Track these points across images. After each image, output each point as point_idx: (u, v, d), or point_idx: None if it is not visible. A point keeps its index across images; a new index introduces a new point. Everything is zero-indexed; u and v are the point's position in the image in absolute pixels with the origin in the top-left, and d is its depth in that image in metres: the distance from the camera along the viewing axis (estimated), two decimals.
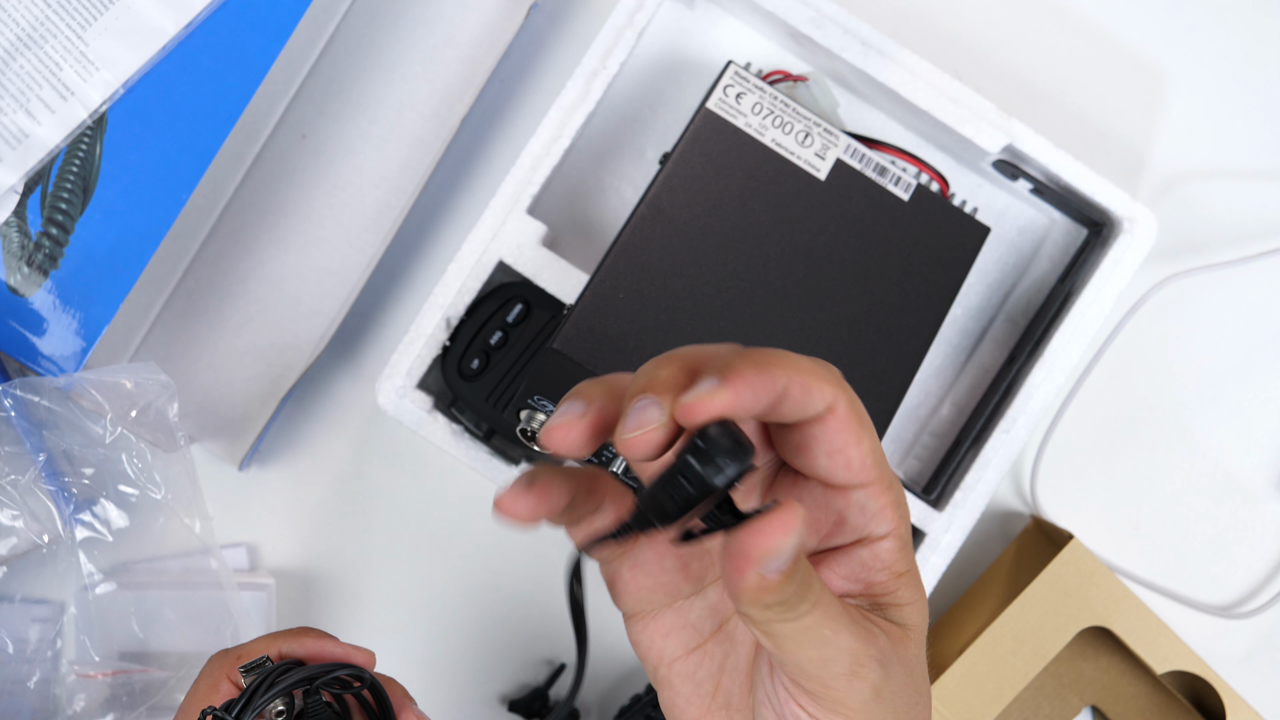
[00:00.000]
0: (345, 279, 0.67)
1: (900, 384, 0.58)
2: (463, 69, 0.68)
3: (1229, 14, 0.72)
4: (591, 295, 0.57)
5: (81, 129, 0.61)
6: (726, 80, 0.60)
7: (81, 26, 0.61)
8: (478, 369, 0.62)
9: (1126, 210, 0.64)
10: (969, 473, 0.63)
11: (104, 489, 0.64)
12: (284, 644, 0.48)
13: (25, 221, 0.61)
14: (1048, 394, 0.64)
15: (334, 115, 0.68)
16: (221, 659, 0.49)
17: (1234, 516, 0.70)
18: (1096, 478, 0.70)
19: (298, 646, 0.48)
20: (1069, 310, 0.64)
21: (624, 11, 0.64)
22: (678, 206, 0.58)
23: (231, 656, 0.48)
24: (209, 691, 0.47)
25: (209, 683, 0.48)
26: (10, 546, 0.61)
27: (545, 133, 0.63)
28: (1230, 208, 0.71)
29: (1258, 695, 0.68)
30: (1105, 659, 0.67)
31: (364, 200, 0.68)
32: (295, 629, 0.49)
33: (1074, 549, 0.62)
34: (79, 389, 0.60)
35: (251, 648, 0.48)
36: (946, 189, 0.63)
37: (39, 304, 0.61)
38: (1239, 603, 0.70)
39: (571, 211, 0.68)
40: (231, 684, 0.47)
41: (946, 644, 0.66)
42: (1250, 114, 0.72)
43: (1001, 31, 0.71)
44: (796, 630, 0.35)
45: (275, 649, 0.48)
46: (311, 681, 0.46)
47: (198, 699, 0.47)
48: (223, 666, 0.48)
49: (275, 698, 0.45)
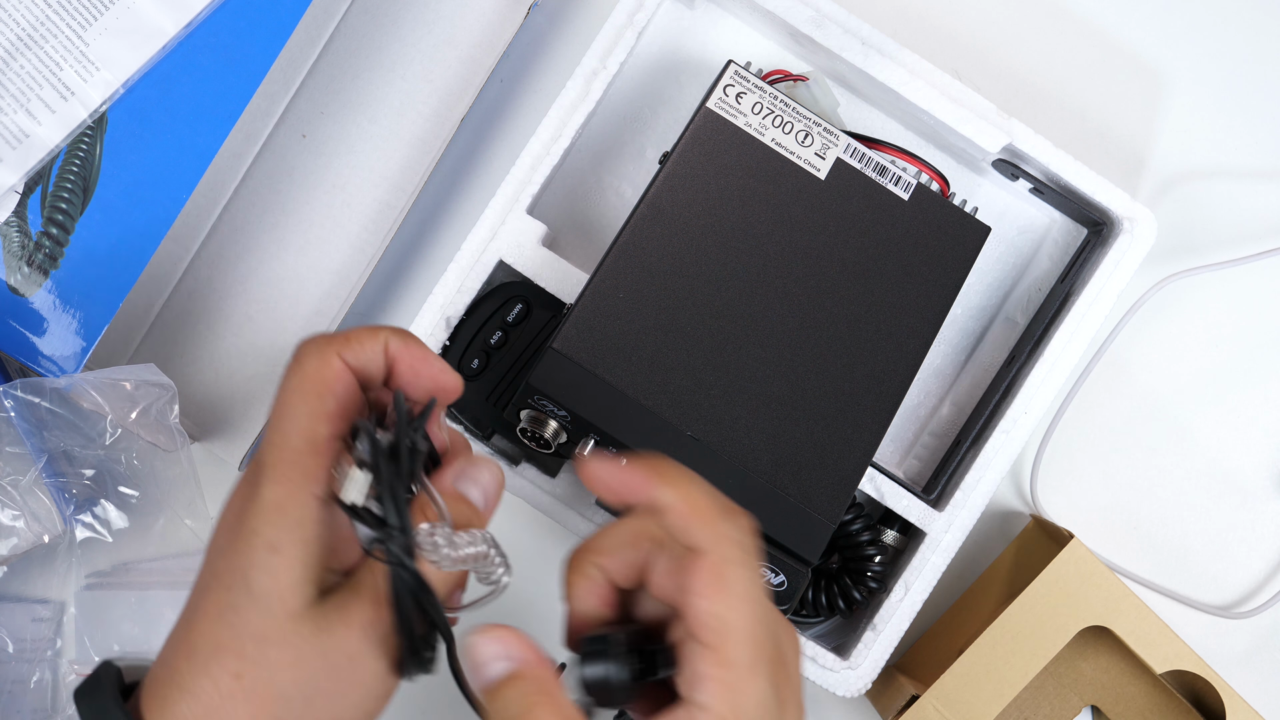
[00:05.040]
0: (345, 279, 0.67)
1: (900, 384, 0.58)
2: (463, 69, 0.68)
3: (1229, 14, 0.72)
4: (591, 295, 0.57)
5: (81, 129, 0.61)
6: (726, 80, 0.60)
7: (81, 26, 0.61)
8: (478, 369, 0.62)
9: (1126, 210, 0.64)
10: (969, 473, 0.63)
11: (104, 489, 0.64)
12: (393, 342, 0.42)
13: (25, 221, 0.61)
14: (1048, 394, 0.64)
15: (334, 115, 0.68)
16: (326, 343, 0.41)
17: (1234, 516, 0.70)
18: (1096, 478, 0.70)
19: (404, 351, 0.42)
20: (1069, 310, 0.64)
21: (624, 11, 0.64)
22: (678, 206, 0.58)
23: (338, 342, 0.41)
24: (322, 373, 0.40)
25: (319, 361, 0.40)
26: (10, 546, 0.61)
27: (545, 133, 0.63)
28: (1230, 208, 0.71)
29: (1257, 695, 0.68)
30: (1105, 659, 0.67)
31: (364, 200, 0.68)
32: (401, 331, 0.42)
33: (1074, 549, 0.62)
34: (79, 390, 0.60)
35: (358, 335, 0.41)
36: (946, 189, 0.63)
37: (39, 304, 0.61)
38: (1239, 602, 0.70)
39: (571, 211, 0.68)
40: (344, 366, 0.40)
41: (946, 644, 0.66)
42: (1250, 114, 0.72)
43: (1001, 31, 0.71)
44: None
45: (381, 344, 0.41)
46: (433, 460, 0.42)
47: (306, 384, 0.40)
48: (331, 346, 0.41)
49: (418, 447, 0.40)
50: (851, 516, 0.63)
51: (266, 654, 0.38)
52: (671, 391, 0.56)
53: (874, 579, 0.63)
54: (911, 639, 0.68)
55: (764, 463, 0.56)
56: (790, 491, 0.56)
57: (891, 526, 0.64)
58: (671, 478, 0.39)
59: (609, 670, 0.39)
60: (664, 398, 0.56)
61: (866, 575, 0.63)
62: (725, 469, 0.56)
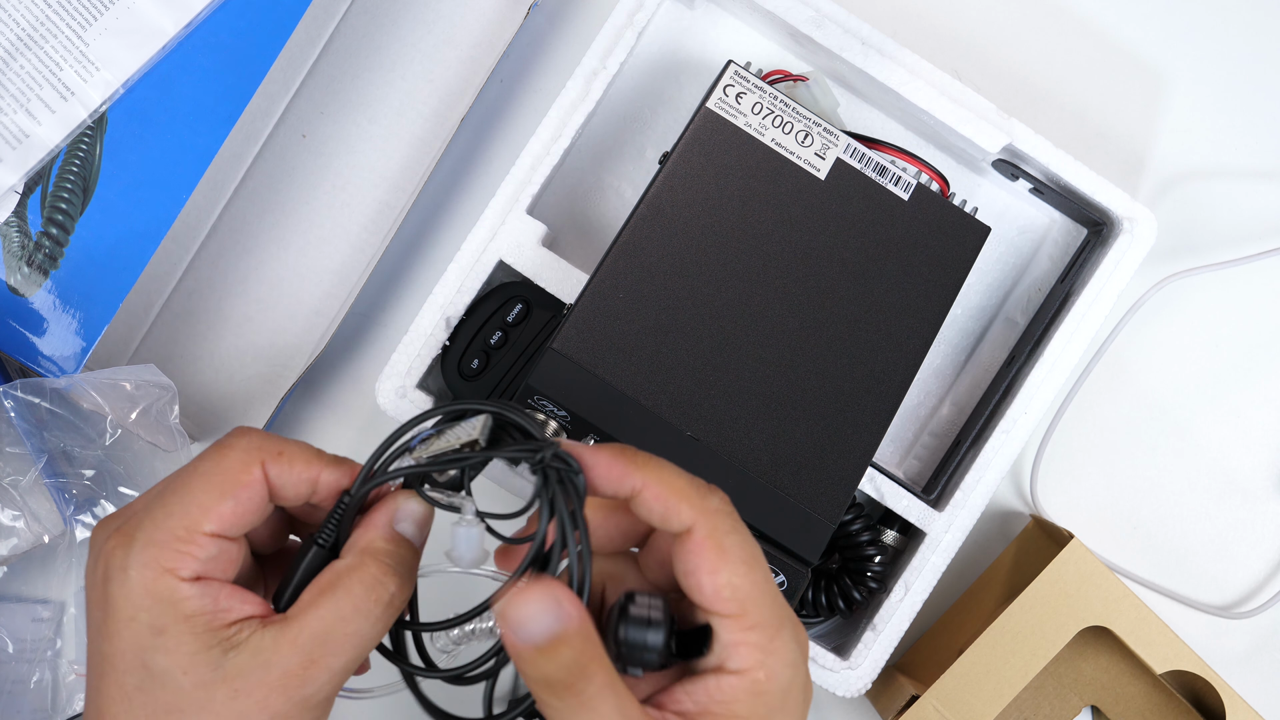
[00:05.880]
0: (345, 279, 0.67)
1: (900, 384, 0.58)
2: (463, 69, 0.68)
3: (1229, 14, 0.72)
4: (591, 295, 0.57)
5: (81, 129, 0.61)
6: (726, 80, 0.60)
7: (81, 26, 0.61)
8: (478, 369, 0.62)
9: (1126, 210, 0.64)
10: (969, 473, 0.63)
11: (104, 490, 0.64)
12: (325, 477, 0.41)
13: (25, 221, 0.61)
14: (1048, 394, 0.64)
15: (334, 115, 0.68)
16: (259, 447, 0.40)
17: (1234, 516, 0.70)
18: (1096, 478, 0.70)
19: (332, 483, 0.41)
20: (1069, 310, 0.64)
21: (624, 11, 0.64)
22: (678, 206, 0.58)
23: (271, 450, 0.40)
24: (238, 475, 0.39)
25: (242, 461, 0.39)
26: (11, 546, 0.61)
27: (545, 132, 0.63)
28: (1230, 208, 0.71)
29: (1257, 695, 0.68)
30: (1105, 659, 0.67)
31: (364, 200, 0.68)
32: (337, 464, 0.41)
33: (1074, 549, 0.62)
34: (79, 390, 0.60)
35: (292, 454, 0.40)
36: (946, 189, 0.63)
37: (39, 304, 0.61)
38: (1239, 603, 0.70)
39: (571, 211, 0.68)
40: (262, 478, 0.40)
41: (946, 644, 0.66)
42: (1250, 114, 0.72)
43: (1001, 31, 0.71)
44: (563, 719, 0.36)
45: (312, 477, 0.41)
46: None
47: (217, 477, 0.39)
48: (262, 452, 0.40)
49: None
50: (851, 516, 0.63)
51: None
52: (671, 391, 0.56)
53: (874, 579, 0.63)
54: (911, 639, 0.68)
55: (764, 463, 0.56)
56: (790, 491, 0.56)
57: (891, 526, 0.64)
58: (641, 463, 0.39)
59: (651, 637, 0.38)
60: (664, 398, 0.56)
61: (866, 575, 0.63)
62: (725, 469, 0.56)
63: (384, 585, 0.40)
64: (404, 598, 0.41)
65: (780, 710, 0.38)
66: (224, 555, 0.39)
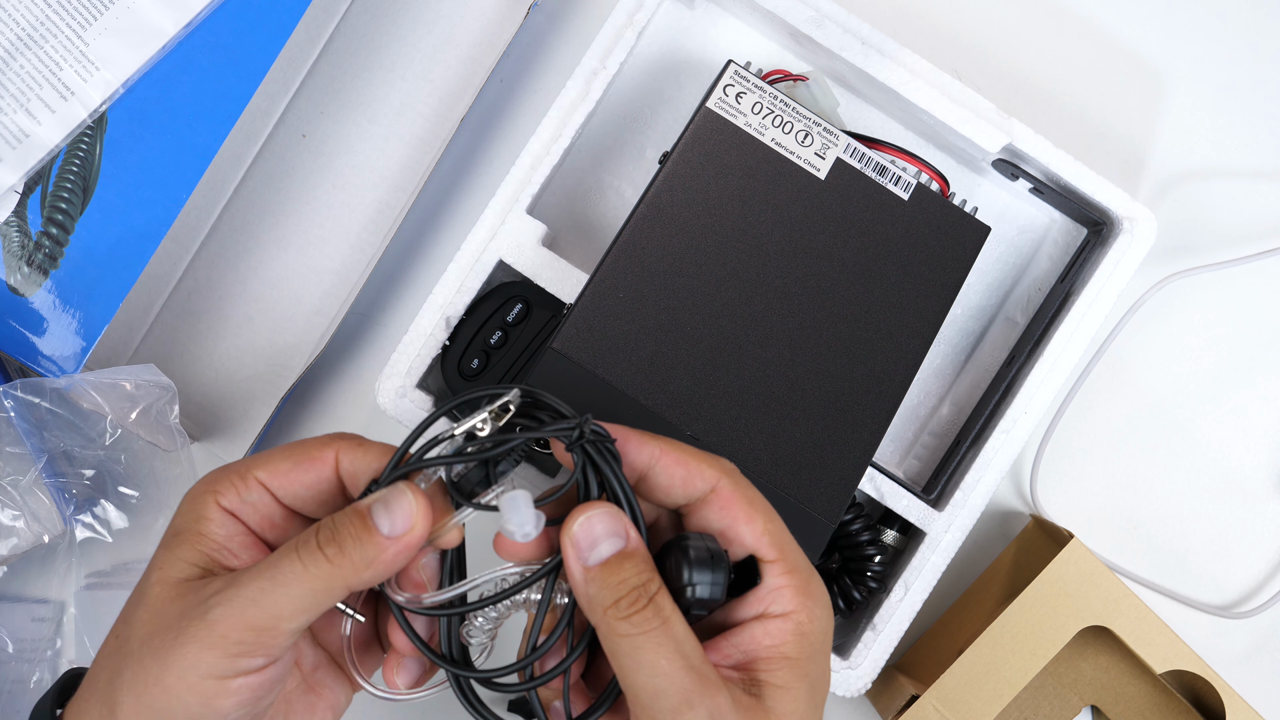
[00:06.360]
0: (345, 279, 0.67)
1: (900, 384, 0.58)
2: (463, 69, 0.68)
3: (1229, 14, 0.72)
4: (591, 295, 0.57)
5: (81, 129, 0.61)
6: (726, 80, 0.60)
7: (81, 26, 0.61)
8: (478, 368, 0.62)
9: (1126, 210, 0.64)
10: (969, 473, 0.63)
11: (104, 489, 0.64)
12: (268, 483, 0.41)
13: (25, 221, 0.61)
14: (1048, 394, 0.64)
15: (334, 115, 0.68)
16: (204, 489, 0.40)
17: (1234, 516, 0.70)
18: (1096, 478, 0.70)
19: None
20: (1069, 310, 0.64)
21: (624, 11, 0.64)
22: (678, 206, 0.58)
23: (216, 488, 0.40)
24: (196, 526, 0.40)
25: (194, 513, 0.40)
26: (10, 546, 0.61)
27: (545, 132, 0.63)
28: (1230, 208, 0.71)
29: (1257, 695, 0.68)
30: (1105, 659, 0.67)
31: (364, 200, 0.68)
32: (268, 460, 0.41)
33: (1074, 549, 0.62)
34: (79, 390, 0.60)
35: (230, 480, 0.40)
36: (946, 188, 0.63)
37: (39, 304, 0.61)
38: (1239, 602, 0.70)
39: (571, 211, 0.68)
40: (221, 510, 0.40)
41: (946, 644, 0.66)
42: (1250, 114, 0.72)
43: (1001, 31, 0.71)
44: (634, 649, 0.37)
45: (256, 488, 0.41)
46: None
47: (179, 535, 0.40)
48: (209, 494, 0.40)
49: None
50: (851, 516, 0.63)
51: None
52: (671, 391, 0.56)
53: (874, 579, 0.63)
54: (911, 639, 0.68)
55: (764, 462, 0.56)
56: (790, 491, 0.56)
57: (891, 526, 0.64)
58: (643, 437, 0.42)
59: (716, 572, 0.39)
60: (664, 398, 0.56)
61: (866, 575, 0.63)
62: None
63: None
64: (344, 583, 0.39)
65: (821, 652, 0.40)
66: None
